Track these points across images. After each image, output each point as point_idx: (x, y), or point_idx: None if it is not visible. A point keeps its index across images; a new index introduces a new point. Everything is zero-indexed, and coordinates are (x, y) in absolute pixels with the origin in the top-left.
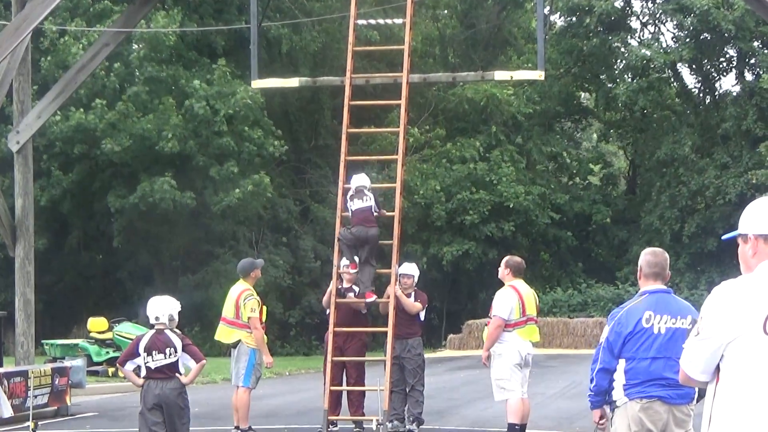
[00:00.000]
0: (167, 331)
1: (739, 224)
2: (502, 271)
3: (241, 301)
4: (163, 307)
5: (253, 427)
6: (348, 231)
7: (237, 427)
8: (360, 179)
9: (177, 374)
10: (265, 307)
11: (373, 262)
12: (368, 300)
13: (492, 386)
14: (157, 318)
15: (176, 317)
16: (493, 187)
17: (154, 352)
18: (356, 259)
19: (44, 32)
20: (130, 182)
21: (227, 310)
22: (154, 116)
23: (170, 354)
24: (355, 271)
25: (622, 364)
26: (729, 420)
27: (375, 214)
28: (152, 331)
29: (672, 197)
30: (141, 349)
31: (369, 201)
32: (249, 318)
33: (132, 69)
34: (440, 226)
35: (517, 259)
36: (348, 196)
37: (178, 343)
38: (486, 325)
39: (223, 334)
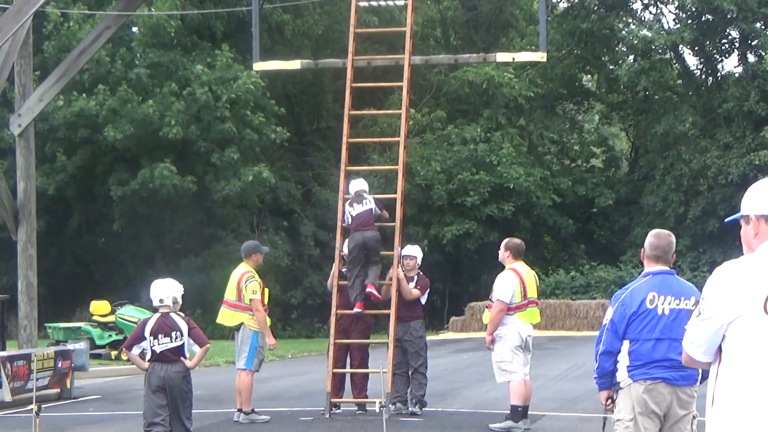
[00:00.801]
0: (173, 315)
1: (741, 205)
2: (502, 254)
3: (243, 284)
4: (167, 290)
5: (256, 409)
6: (348, 242)
7: (240, 410)
8: (359, 183)
9: (182, 358)
10: (267, 290)
11: (377, 260)
12: (368, 289)
13: (493, 368)
14: (161, 300)
15: (180, 300)
16: (493, 168)
17: (160, 336)
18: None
19: (47, 16)
20: (132, 166)
21: (229, 293)
22: (155, 102)
23: (176, 338)
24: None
25: (626, 345)
26: (732, 400)
27: (376, 213)
28: (158, 315)
29: (676, 179)
30: (147, 333)
31: (369, 204)
32: (251, 300)
33: (134, 54)
34: (441, 206)
35: (517, 240)
36: (347, 203)
37: (184, 327)
38: (487, 308)
39: (226, 317)
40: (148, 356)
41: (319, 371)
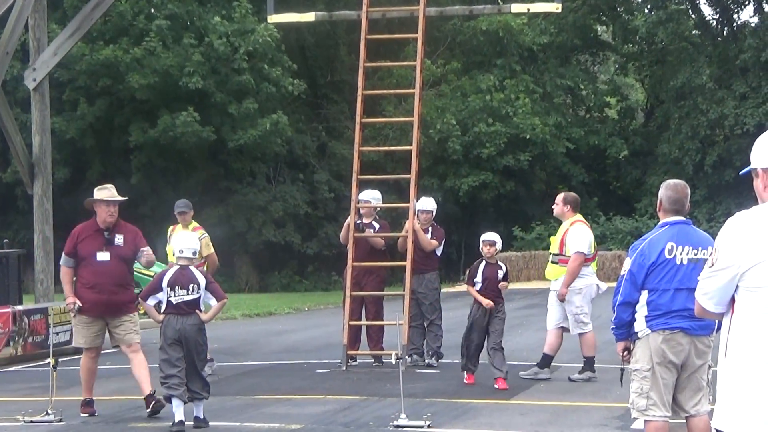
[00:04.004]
0: (191, 268)
1: (750, 158)
2: (561, 208)
3: None
4: (187, 242)
5: (279, 361)
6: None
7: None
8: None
9: (197, 311)
10: (170, 247)
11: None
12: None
13: (570, 321)
14: (181, 251)
15: (198, 253)
16: (509, 120)
17: (176, 287)
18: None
19: None
20: (150, 119)
21: None
22: (174, 53)
23: (193, 290)
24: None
25: (644, 295)
26: (745, 351)
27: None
28: (176, 267)
29: (692, 127)
30: (164, 284)
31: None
32: None
33: (152, 5)
34: (456, 159)
35: (574, 194)
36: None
37: (202, 281)
38: (558, 262)
39: None
40: (164, 308)
41: (335, 324)
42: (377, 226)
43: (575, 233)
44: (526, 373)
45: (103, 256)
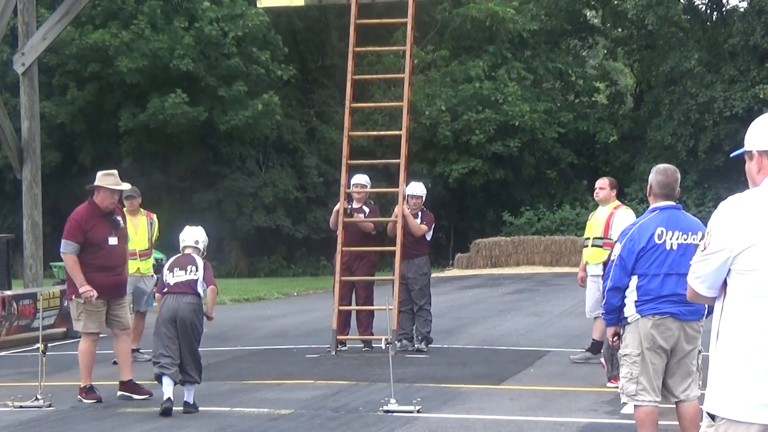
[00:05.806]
0: (194, 254)
1: (744, 141)
2: (609, 192)
3: None
4: (200, 234)
5: (269, 346)
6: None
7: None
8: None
9: (196, 294)
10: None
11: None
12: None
13: (592, 302)
14: (196, 241)
15: (200, 242)
16: (498, 106)
17: (176, 269)
18: None
19: None
20: (140, 103)
21: None
22: (164, 35)
23: (191, 271)
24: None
25: (634, 280)
26: (736, 334)
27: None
28: (179, 254)
29: (684, 113)
30: (165, 268)
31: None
32: None
33: None
34: (446, 145)
35: (613, 178)
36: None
37: (200, 264)
38: (603, 246)
39: None
40: (165, 289)
41: (324, 309)
42: (367, 210)
43: (624, 217)
44: (576, 357)
45: (113, 240)
